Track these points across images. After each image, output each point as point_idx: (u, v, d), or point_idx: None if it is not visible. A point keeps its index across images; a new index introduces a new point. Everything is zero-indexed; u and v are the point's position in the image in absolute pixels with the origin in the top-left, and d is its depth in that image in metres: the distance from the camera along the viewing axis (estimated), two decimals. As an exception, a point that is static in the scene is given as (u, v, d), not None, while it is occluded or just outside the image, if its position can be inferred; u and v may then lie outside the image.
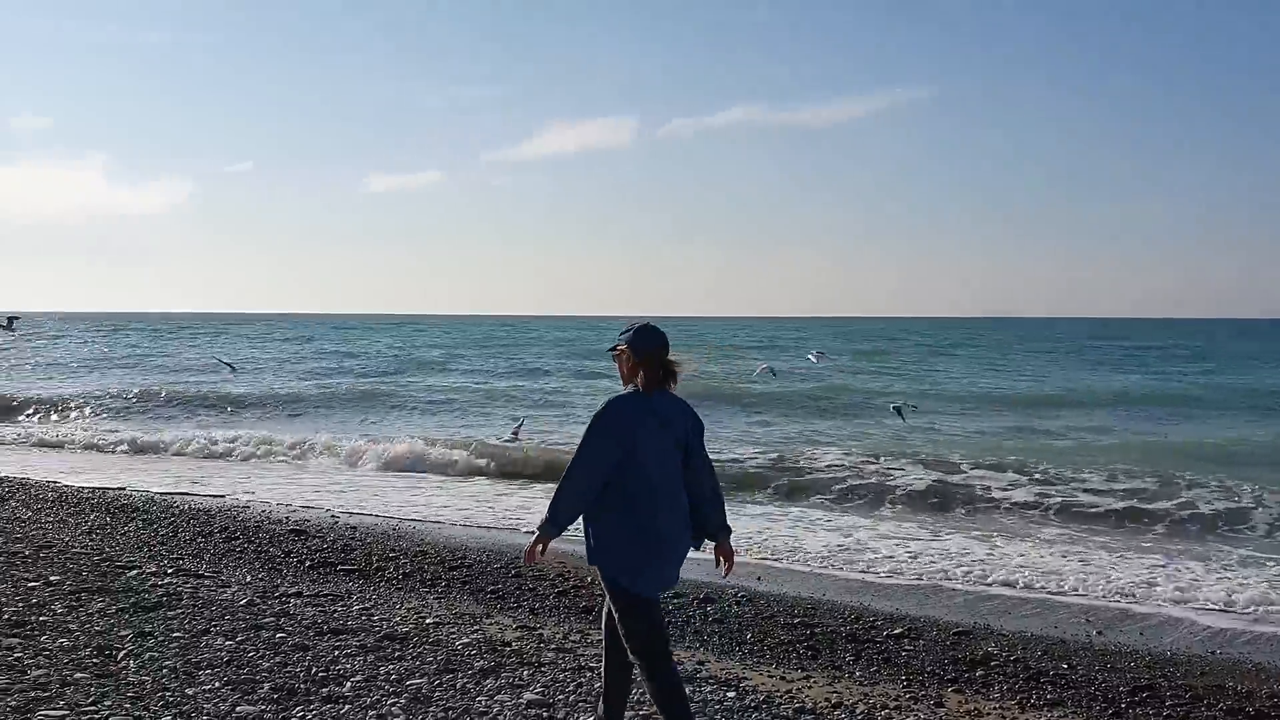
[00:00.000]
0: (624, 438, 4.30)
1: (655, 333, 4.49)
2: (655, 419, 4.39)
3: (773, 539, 11.86)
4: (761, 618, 8.18)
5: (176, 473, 16.36)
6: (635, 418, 4.35)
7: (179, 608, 6.61)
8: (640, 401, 4.42)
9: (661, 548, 4.33)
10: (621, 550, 4.30)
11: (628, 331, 4.53)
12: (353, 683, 5.26)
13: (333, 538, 10.72)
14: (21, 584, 6.95)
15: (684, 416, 4.50)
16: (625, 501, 4.30)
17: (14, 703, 4.55)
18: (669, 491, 4.36)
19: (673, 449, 4.42)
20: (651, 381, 4.44)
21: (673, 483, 4.39)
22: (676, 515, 4.39)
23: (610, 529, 4.32)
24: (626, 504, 4.30)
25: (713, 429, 23.15)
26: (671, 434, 4.42)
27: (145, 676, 5.09)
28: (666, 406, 4.46)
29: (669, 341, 4.51)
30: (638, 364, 4.46)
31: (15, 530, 9.54)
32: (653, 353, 4.45)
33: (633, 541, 4.29)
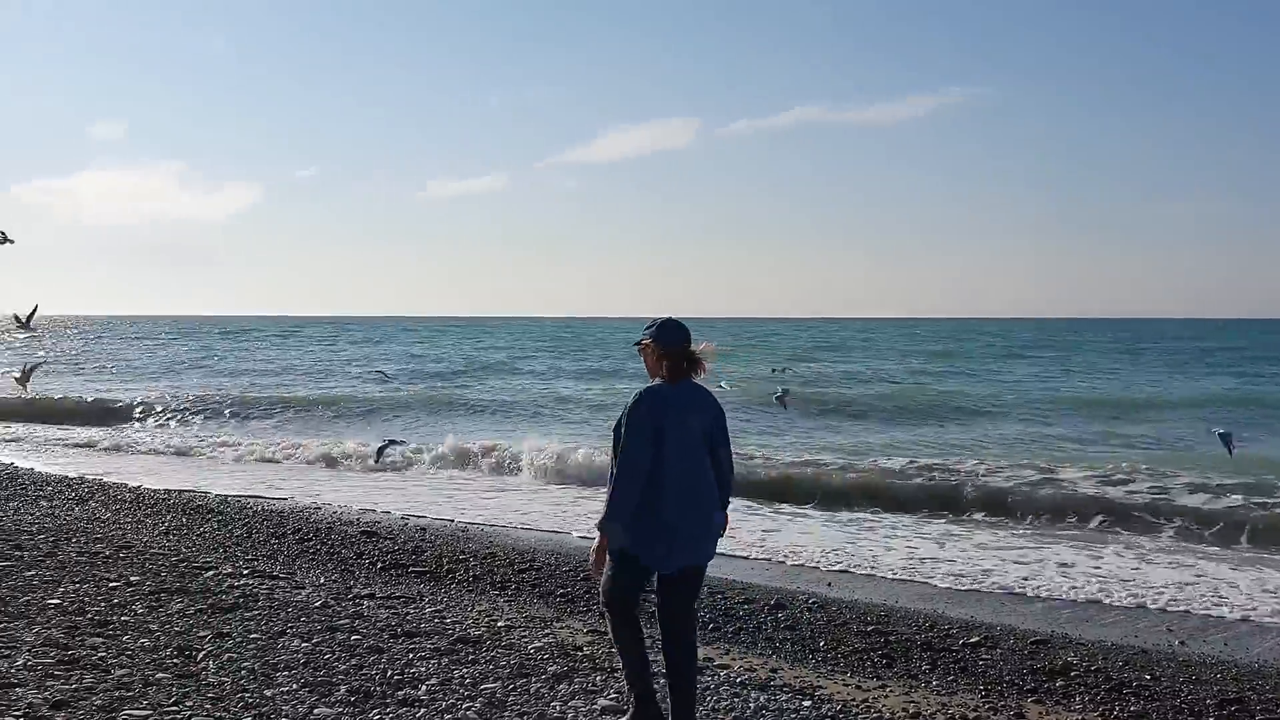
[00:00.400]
0: (655, 430, 4.53)
1: (678, 327, 4.75)
2: (680, 410, 4.63)
3: (836, 545, 11.74)
4: (834, 625, 8.08)
5: (252, 475, 16.65)
6: (661, 410, 4.58)
7: (255, 609, 6.69)
8: (665, 393, 4.65)
9: (681, 525, 4.57)
10: (646, 533, 4.56)
11: (651, 326, 4.79)
12: (427, 686, 5.28)
13: (403, 539, 10.80)
14: (103, 584, 7.08)
15: (708, 407, 4.76)
16: (653, 492, 4.54)
17: (99, 702, 4.63)
18: (691, 474, 4.61)
19: (697, 438, 4.67)
20: (676, 373, 4.70)
21: (694, 473, 4.63)
22: (691, 502, 4.61)
23: (647, 517, 4.55)
24: (653, 495, 4.53)
25: (791, 434, 23.03)
26: (696, 423, 4.67)
27: (224, 677, 5.15)
28: (691, 397, 4.71)
29: (691, 335, 4.75)
30: (662, 357, 4.72)
31: (95, 530, 9.73)
32: (676, 346, 4.71)
33: (650, 520, 4.54)
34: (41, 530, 9.24)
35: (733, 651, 7.01)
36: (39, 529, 9.32)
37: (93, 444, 20.74)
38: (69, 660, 5.21)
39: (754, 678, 6.16)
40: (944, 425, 25.46)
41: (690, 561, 4.66)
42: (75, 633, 5.75)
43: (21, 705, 4.49)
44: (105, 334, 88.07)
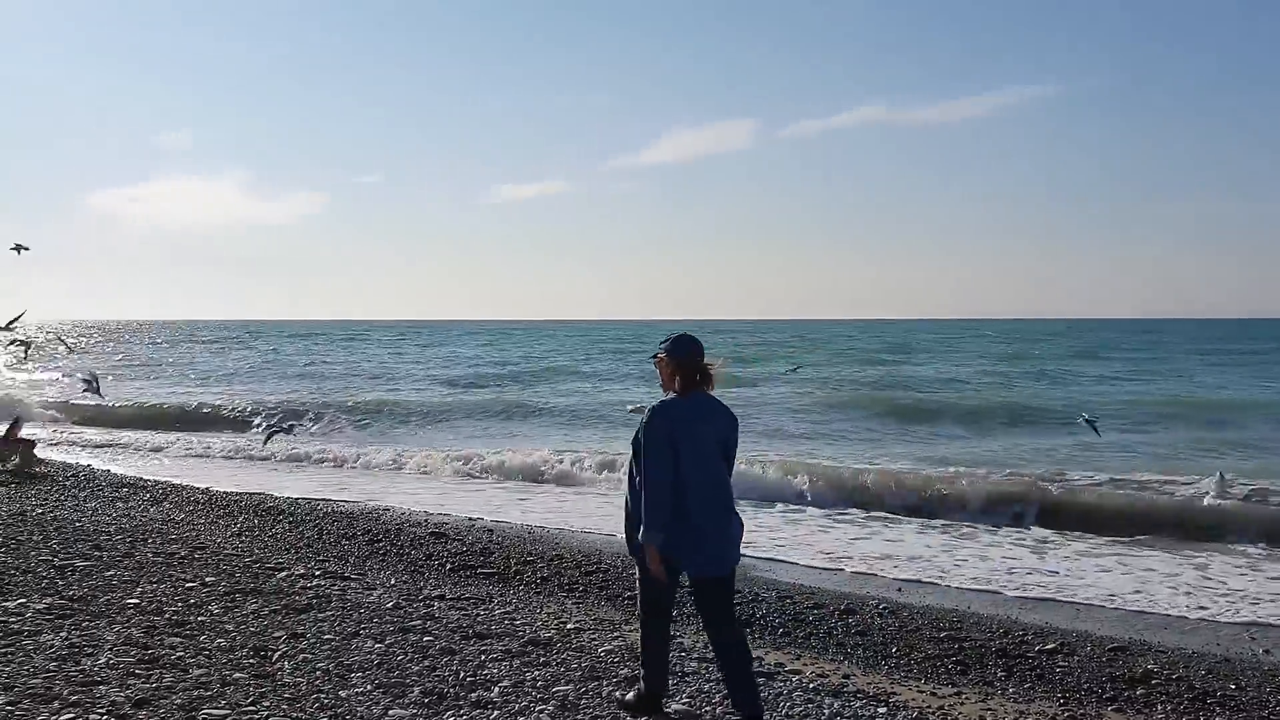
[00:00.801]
0: (671, 441, 4.72)
1: (690, 341, 4.95)
2: (691, 421, 4.82)
3: (913, 553, 11.60)
4: (906, 630, 7.96)
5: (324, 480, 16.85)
6: (675, 422, 4.78)
7: (329, 610, 6.75)
8: (679, 405, 4.86)
9: (698, 538, 4.75)
10: (683, 541, 4.73)
11: (666, 341, 4.99)
12: (500, 688, 5.27)
13: (470, 540, 10.85)
14: (180, 584, 7.19)
15: (721, 416, 4.95)
16: (678, 502, 4.72)
17: (179, 701, 4.68)
18: (708, 488, 4.79)
19: (712, 446, 4.86)
20: (688, 385, 4.89)
21: (712, 478, 4.83)
22: (715, 508, 4.81)
23: (671, 526, 4.71)
24: (677, 504, 4.72)
25: (870, 441, 22.72)
26: (709, 432, 4.86)
27: (300, 678, 5.18)
28: (702, 408, 4.90)
29: (704, 349, 4.95)
30: (675, 371, 4.91)
31: (171, 531, 9.90)
32: (688, 359, 4.90)
33: (690, 533, 4.73)
34: (119, 531, 9.42)
35: (803, 657, 6.94)
36: (116, 529, 9.49)
37: (210, 453, 20.61)
38: (149, 659, 5.28)
39: (827, 684, 6.08)
40: (1042, 431, 24.23)
41: (717, 573, 4.84)
42: (154, 632, 5.83)
43: (105, 703, 4.56)
44: (180, 339, 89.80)
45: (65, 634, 5.62)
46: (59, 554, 7.88)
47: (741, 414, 5.33)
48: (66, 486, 13.34)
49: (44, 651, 5.26)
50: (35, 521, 9.50)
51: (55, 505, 11.27)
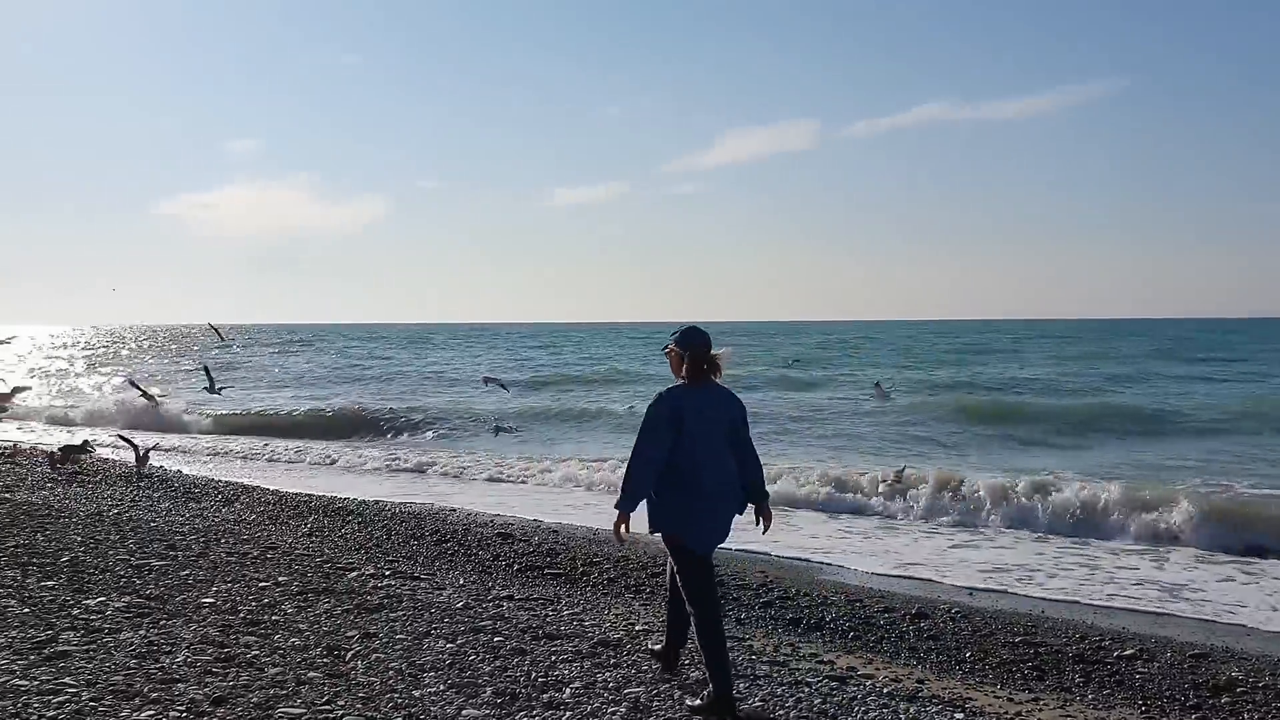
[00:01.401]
0: (674, 423, 5.06)
1: (698, 333, 5.27)
2: (700, 405, 5.15)
3: (988, 560, 11.44)
4: (980, 635, 7.83)
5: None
6: (682, 406, 5.11)
7: (400, 610, 6.78)
8: (686, 392, 5.20)
9: (708, 511, 5.12)
10: (677, 515, 5.13)
11: (676, 333, 5.31)
12: (572, 689, 5.25)
13: (537, 541, 10.87)
14: (253, 583, 7.27)
15: (728, 402, 5.28)
16: (678, 477, 5.08)
17: (255, 699, 4.72)
18: (714, 464, 5.12)
19: (719, 429, 5.18)
20: (695, 374, 5.23)
21: (718, 456, 5.15)
22: (722, 483, 5.15)
23: (667, 500, 5.11)
24: (679, 478, 5.08)
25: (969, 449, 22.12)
26: (717, 417, 5.19)
27: (373, 677, 5.20)
28: (710, 395, 5.23)
29: (711, 340, 5.27)
30: (684, 360, 5.23)
31: (243, 531, 10.03)
32: (695, 350, 5.21)
33: (685, 508, 5.10)
34: (193, 531, 9.56)
35: (875, 661, 6.85)
36: (190, 529, 9.64)
37: (332, 460, 20.55)
38: (225, 658, 5.33)
39: (900, 688, 5.99)
40: (1147, 439, 22.82)
41: (720, 541, 5.27)
42: (229, 631, 5.89)
43: (184, 700, 4.61)
44: (253, 342, 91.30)
45: (144, 632, 5.70)
46: (135, 553, 8.02)
47: (844, 424, 5.28)
48: (140, 487, 13.59)
49: (124, 649, 5.34)
50: (112, 521, 9.67)
51: (130, 505, 11.48)
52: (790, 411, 28.40)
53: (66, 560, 7.51)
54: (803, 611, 8.40)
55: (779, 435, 23.48)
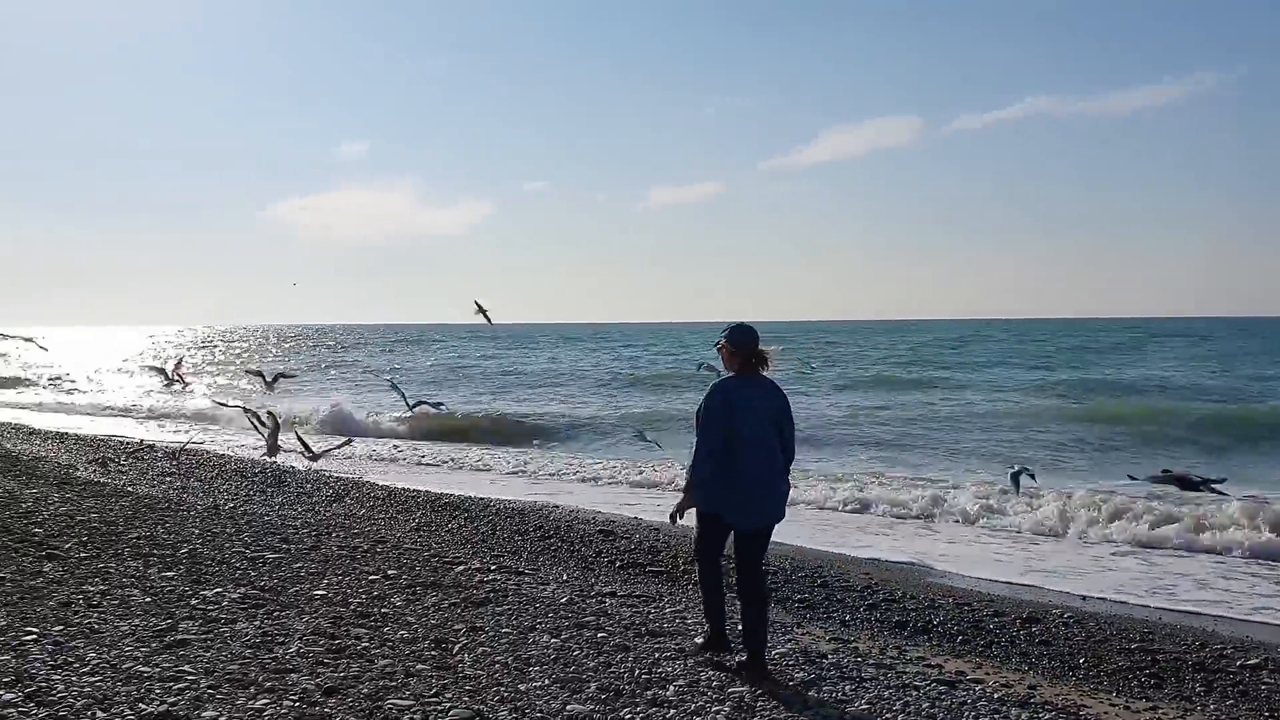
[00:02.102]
0: (726, 412, 5.54)
1: (747, 330, 5.76)
2: (747, 397, 5.61)
3: (1101, 567, 11.11)
4: (1094, 641, 7.61)
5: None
6: (732, 397, 5.59)
7: (505, 604, 6.84)
8: (736, 383, 5.68)
9: (749, 492, 5.56)
10: (720, 495, 5.59)
11: (726, 331, 5.78)
12: (675, 687, 5.23)
13: (638, 539, 10.89)
14: (363, 576, 7.41)
15: (773, 394, 5.73)
16: (729, 462, 5.53)
17: (366, 690, 4.80)
18: (759, 450, 5.55)
19: (765, 418, 5.61)
20: (744, 367, 5.72)
21: (763, 442, 5.58)
22: (768, 466, 5.59)
23: (713, 480, 5.57)
24: (729, 465, 5.53)
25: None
26: (763, 406, 5.63)
27: (480, 670, 5.26)
28: (757, 386, 5.69)
29: (759, 336, 5.74)
30: (734, 355, 5.73)
31: (353, 526, 10.25)
32: (744, 346, 5.71)
33: (729, 489, 5.56)
34: (305, 525, 9.80)
35: (985, 666, 6.69)
36: (302, 524, 9.88)
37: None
38: (336, 649, 5.44)
39: (1011, 694, 5.83)
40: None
41: (765, 521, 5.65)
42: (340, 623, 6.01)
43: (297, 690, 4.71)
44: (362, 342, 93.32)
45: (258, 622, 5.85)
46: (251, 546, 8.24)
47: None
48: (255, 482, 13.98)
49: (240, 639, 5.48)
50: (228, 515, 9.97)
51: (245, 500, 11.83)
52: (905, 414, 28.04)
53: (185, 552, 7.75)
54: (909, 614, 8.26)
55: (893, 442, 23.16)
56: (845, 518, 13.77)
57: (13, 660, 4.80)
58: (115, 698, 4.39)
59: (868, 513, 13.98)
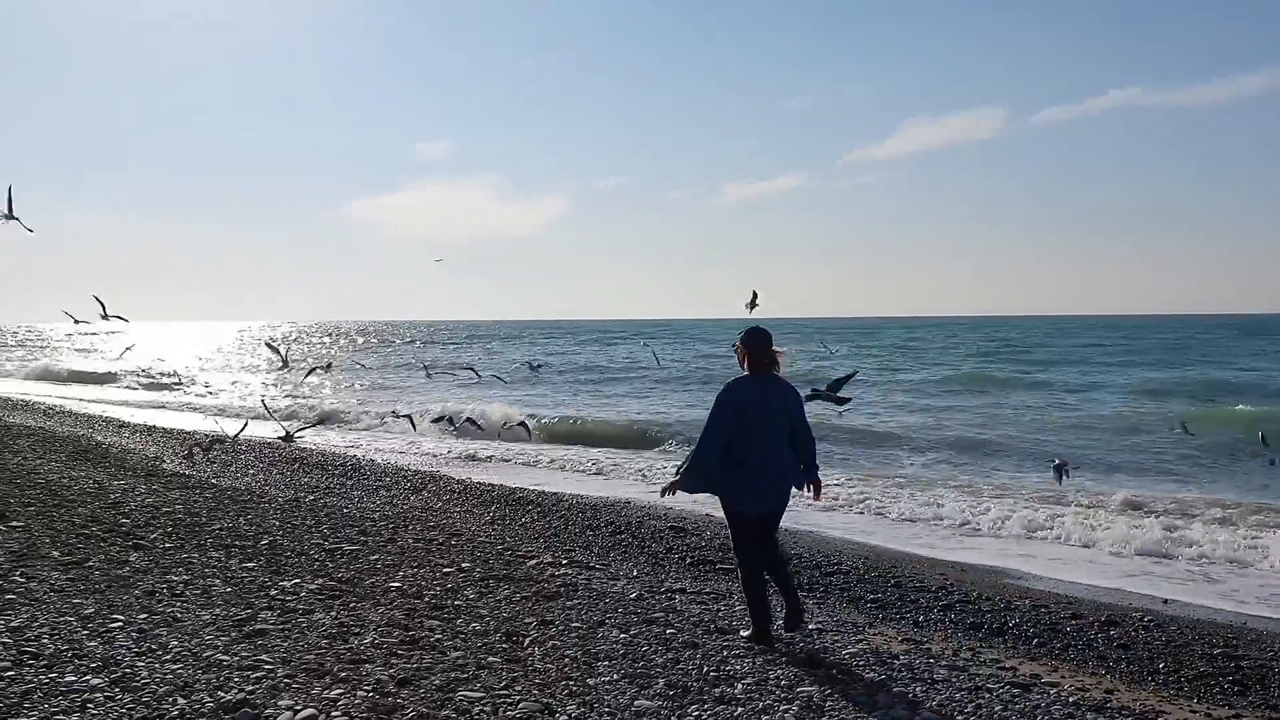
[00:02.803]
0: (736, 408, 5.92)
1: (761, 332, 6.10)
2: (759, 395, 5.98)
3: (1184, 572, 10.85)
4: (1174, 645, 7.44)
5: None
6: (744, 394, 5.97)
7: (576, 598, 6.90)
8: (749, 382, 6.04)
9: (763, 482, 5.94)
10: (731, 484, 5.98)
11: (742, 333, 6.13)
12: (743, 685, 5.24)
13: (709, 535, 10.88)
14: (438, 569, 7.53)
15: (785, 392, 6.09)
16: (735, 455, 5.93)
17: (438, 681, 4.88)
18: (771, 444, 5.95)
19: (777, 414, 5.99)
20: (756, 367, 6.07)
21: (775, 437, 5.98)
22: (778, 459, 5.98)
23: (729, 472, 5.95)
24: (735, 456, 5.93)
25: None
26: (774, 404, 5.99)
27: (550, 664, 5.32)
28: (769, 385, 6.04)
29: (771, 338, 6.10)
30: (748, 355, 6.09)
31: (429, 519, 10.39)
32: (754, 346, 6.06)
33: (738, 479, 5.94)
34: (383, 517, 9.96)
35: (1061, 669, 6.57)
36: (380, 516, 10.05)
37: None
38: (410, 640, 5.54)
39: (1087, 698, 5.72)
40: None
41: (770, 508, 6.04)
42: (414, 615, 6.12)
43: (371, 680, 4.81)
44: (449, 340, 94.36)
45: (335, 613, 5.98)
46: (329, 538, 8.41)
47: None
48: (335, 475, 14.24)
49: (316, 629, 5.61)
50: (308, 508, 10.18)
51: (325, 493, 12.05)
52: (996, 413, 27.58)
53: (266, 543, 7.94)
54: (984, 616, 8.15)
55: (975, 441, 22.82)
56: (924, 518, 13.61)
57: (100, 646, 4.97)
58: (195, 685, 4.53)
59: (947, 515, 13.79)
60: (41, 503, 8.84)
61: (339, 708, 4.42)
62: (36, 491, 9.42)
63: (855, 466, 18.64)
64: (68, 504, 8.92)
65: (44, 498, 9.11)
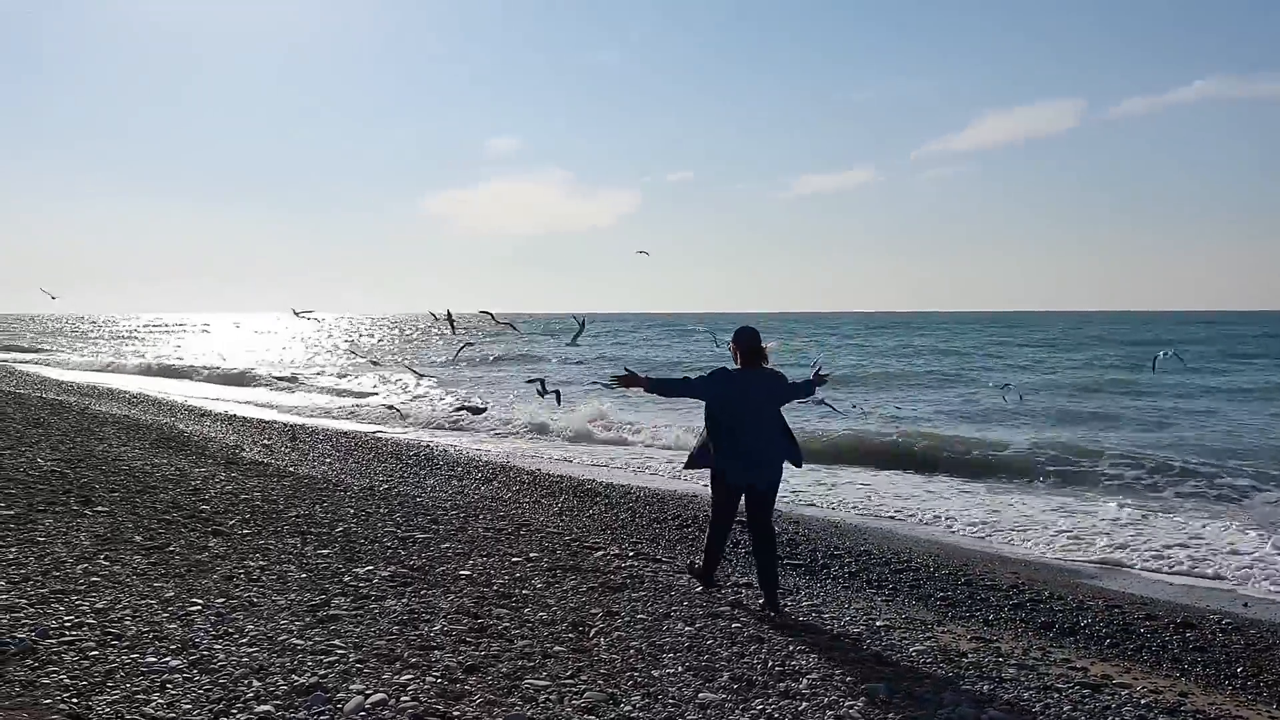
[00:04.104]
0: (719, 391, 6.86)
1: (748, 330, 7.02)
2: (746, 382, 6.88)
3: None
4: (1254, 650, 7.28)
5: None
6: (730, 382, 6.88)
7: (641, 591, 6.95)
8: (736, 372, 6.94)
9: (747, 457, 6.81)
10: (721, 458, 6.85)
11: (734, 332, 7.04)
12: (808, 680, 5.24)
13: (777, 531, 10.85)
14: (506, 558, 7.62)
15: (771, 380, 6.96)
16: (725, 434, 6.81)
17: (505, 669, 4.96)
18: (753, 427, 6.80)
19: (763, 400, 6.86)
20: (746, 361, 6.96)
21: (757, 420, 6.82)
22: (758, 441, 6.82)
23: (717, 446, 6.83)
24: (726, 433, 6.81)
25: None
26: (760, 392, 6.87)
27: (615, 655, 5.37)
28: (755, 376, 6.92)
29: (759, 335, 7.01)
30: (738, 350, 6.98)
31: (499, 509, 10.52)
32: (743, 342, 6.95)
33: (727, 454, 6.83)
34: (454, 506, 10.11)
35: (1134, 670, 6.48)
36: (451, 505, 10.19)
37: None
38: (478, 628, 5.63)
39: (1160, 700, 5.63)
40: None
41: (752, 481, 6.85)
42: (483, 603, 6.21)
43: (440, 667, 4.90)
44: (537, 332, 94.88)
45: (406, 600, 6.09)
46: (401, 526, 8.56)
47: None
48: (409, 464, 14.47)
49: (388, 615, 5.72)
50: (382, 496, 10.36)
51: (399, 481, 12.25)
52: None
53: (340, 531, 8.11)
54: (1055, 615, 8.05)
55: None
56: (998, 516, 13.44)
57: (179, 629, 5.12)
58: (270, 668, 4.65)
59: (1027, 516, 13.59)
60: (125, 489, 9.11)
61: (408, 692, 4.52)
62: (121, 478, 9.71)
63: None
64: (150, 490, 9.18)
65: (128, 484, 9.39)
